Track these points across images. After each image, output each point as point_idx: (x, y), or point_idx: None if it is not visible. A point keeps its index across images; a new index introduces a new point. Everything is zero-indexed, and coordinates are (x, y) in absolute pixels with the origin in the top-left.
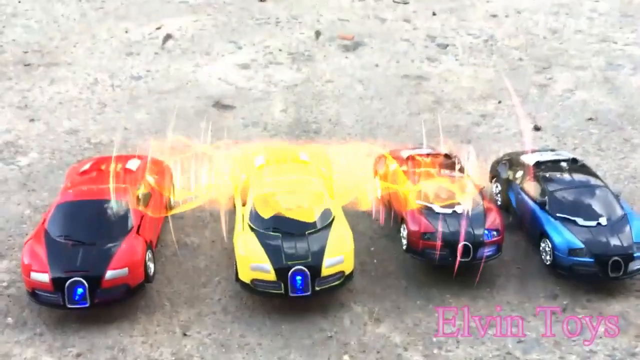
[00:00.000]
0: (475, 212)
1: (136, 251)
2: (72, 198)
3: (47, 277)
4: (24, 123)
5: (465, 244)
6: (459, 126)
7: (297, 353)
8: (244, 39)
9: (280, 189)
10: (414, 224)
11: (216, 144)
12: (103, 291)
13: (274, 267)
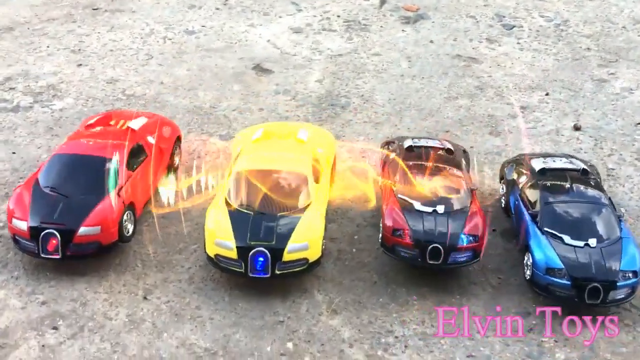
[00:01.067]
0: (456, 214)
1: (111, 211)
2: (65, 151)
3: (25, 225)
4: (72, 67)
5: (436, 246)
6: (493, 117)
7: (244, 333)
8: (307, 1)
9: (264, 166)
10: (388, 219)
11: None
12: (75, 245)
13: (237, 245)
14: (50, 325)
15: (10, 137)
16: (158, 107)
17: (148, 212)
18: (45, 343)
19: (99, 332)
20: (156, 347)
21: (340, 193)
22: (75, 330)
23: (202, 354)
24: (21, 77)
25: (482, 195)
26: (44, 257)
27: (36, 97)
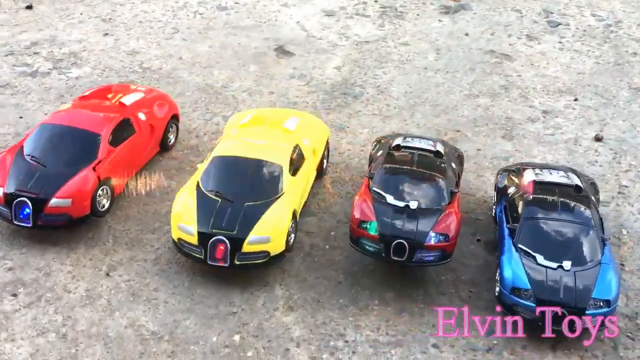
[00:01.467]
0: (429, 212)
1: (84, 185)
2: (51, 121)
3: (1, 192)
4: (97, 36)
5: (401, 242)
6: (511, 119)
7: (195, 320)
8: None
9: (240, 153)
10: (357, 210)
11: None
12: (46, 216)
13: (198, 231)
14: (10, 292)
15: (22, 101)
16: (170, 82)
17: (132, 188)
18: (1, 309)
19: (55, 304)
20: (105, 325)
21: (329, 186)
22: (33, 300)
23: (148, 337)
24: (47, 42)
25: (476, 202)
26: (16, 223)
27: (56, 63)
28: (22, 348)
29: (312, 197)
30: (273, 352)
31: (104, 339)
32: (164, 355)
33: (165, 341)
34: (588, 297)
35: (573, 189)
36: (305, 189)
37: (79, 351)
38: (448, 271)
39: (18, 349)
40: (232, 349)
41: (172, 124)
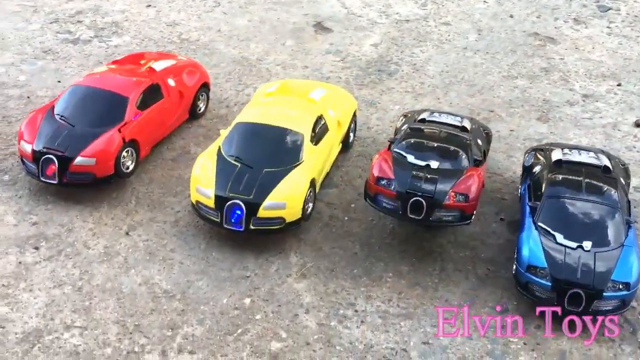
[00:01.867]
0: (450, 172)
1: (109, 145)
2: (82, 83)
3: (30, 148)
4: (140, 7)
5: (418, 200)
6: (549, 102)
7: (207, 281)
8: None
9: (262, 120)
10: (375, 167)
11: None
12: (71, 174)
13: (215, 194)
14: (33, 245)
15: (62, 66)
16: (207, 53)
17: (159, 152)
18: (22, 260)
19: (74, 258)
20: (120, 281)
21: (355, 159)
22: (53, 253)
23: (160, 295)
24: (91, 11)
25: (503, 182)
26: (43, 180)
27: (98, 32)
28: (38, 298)
29: (335, 169)
30: (281, 317)
31: (117, 294)
32: (174, 312)
33: (176, 300)
34: (607, 278)
35: (601, 169)
36: (327, 159)
37: (92, 304)
38: (467, 248)
39: (35, 298)
40: (241, 311)
41: (202, 92)
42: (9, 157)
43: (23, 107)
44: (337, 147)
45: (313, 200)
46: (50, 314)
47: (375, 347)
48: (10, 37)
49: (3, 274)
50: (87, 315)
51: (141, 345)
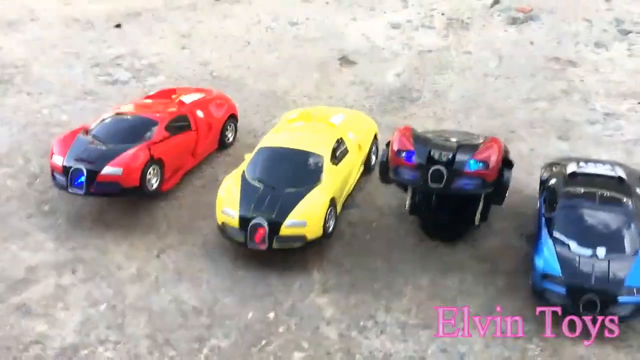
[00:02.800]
0: (470, 144)
1: (136, 158)
2: (117, 110)
3: (61, 161)
4: (175, 49)
5: (439, 169)
6: (569, 121)
7: (233, 298)
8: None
9: (284, 144)
10: (395, 140)
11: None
12: (98, 184)
13: (240, 214)
14: (70, 269)
15: (102, 105)
16: (237, 88)
17: (189, 180)
18: (61, 283)
19: (108, 279)
20: (151, 300)
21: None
22: (89, 276)
23: (188, 311)
24: (129, 55)
25: (523, 198)
26: (70, 192)
27: (135, 73)
28: (74, 316)
29: (357, 191)
30: (304, 329)
31: (148, 312)
32: (201, 327)
33: (204, 315)
34: (621, 284)
35: (615, 180)
36: (347, 180)
37: (125, 321)
38: (487, 262)
39: (71, 317)
40: (265, 324)
41: (230, 123)
42: (49, 189)
43: None
44: (359, 169)
45: (334, 218)
46: (86, 331)
47: (395, 356)
48: (54, 81)
49: (43, 295)
50: (120, 331)
51: (170, 357)
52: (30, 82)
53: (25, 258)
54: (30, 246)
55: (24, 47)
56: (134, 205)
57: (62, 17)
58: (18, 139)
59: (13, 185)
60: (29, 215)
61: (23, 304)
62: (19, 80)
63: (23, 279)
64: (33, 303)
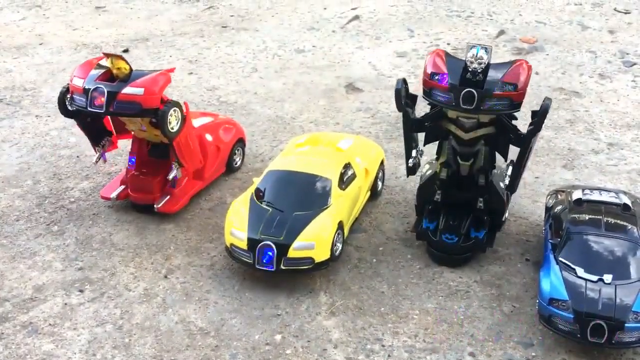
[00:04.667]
0: (500, 65)
1: (157, 81)
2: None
3: (81, 83)
4: (182, 75)
5: (470, 91)
6: (573, 150)
7: (240, 319)
8: (423, 29)
9: (292, 167)
10: (429, 64)
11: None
12: (119, 103)
13: (248, 236)
14: (78, 288)
15: None
16: (244, 114)
17: (197, 203)
18: (68, 302)
19: (116, 300)
20: (158, 320)
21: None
22: (97, 295)
23: (196, 332)
24: None
25: (528, 225)
26: (90, 110)
27: None
28: (81, 336)
29: (365, 216)
30: (311, 351)
31: (155, 332)
32: (208, 348)
33: (211, 336)
34: (628, 309)
35: (620, 207)
36: (355, 205)
37: (131, 341)
38: (493, 287)
39: (78, 336)
40: (272, 346)
41: (238, 147)
42: (58, 209)
43: (72, 166)
44: (366, 193)
45: (342, 241)
46: (93, 350)
47: None
48: None
49: (50, 314)
50: (127, 351)
51: None
52: (39, 104)
53: (33, 277)
54: (38, 265)
55: (33, 70)
56: (142, 227)
57: (71, 41)
58: (27, 160)
59: (22, 205)
60: (37, 235)
61: (30, 323)
62: (27, 102)
63: (30, 298)
64: (40, 322)
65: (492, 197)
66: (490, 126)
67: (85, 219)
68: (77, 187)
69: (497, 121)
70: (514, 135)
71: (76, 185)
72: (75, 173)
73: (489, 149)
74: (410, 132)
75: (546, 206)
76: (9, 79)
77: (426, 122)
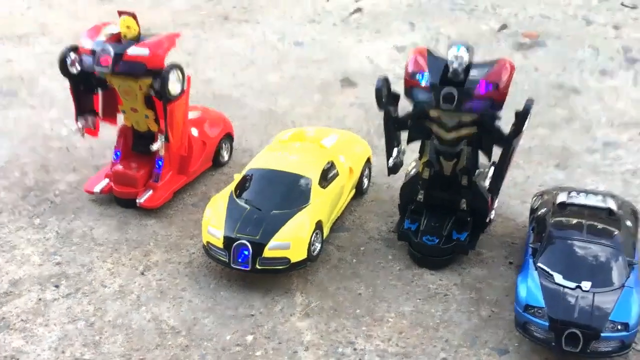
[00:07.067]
0: (482, 64)
1: (161, 44)
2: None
3: (90, 44)
4: None
5: (450, 92)
6: (568, 149)
7: (213, 319)
8: (425, 22)
9: (273, 165)
10: (410, 63)
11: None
12: (124, 63)
13: (224, 234)
14: (54, 284)
15: None
16: (237, 107)
17: (181, 198)
18: (42, 297)
19: (90, 296)
20: (130, 318)
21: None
22: (72, 291)
23: (167, 331)
24: None
25: (515, 227)
26: (97, 70)
27: None
28: (52, 332)
29: (348, 214)
30: (281, 354)
31: (126, 330)
32: (177, 348)
33: (182, 336)
34: (605, 318)
35: (605, 212)
36: (336, 204)
37: (102, 339)
38: (473, 290)
39: (49, 332)
40: (242, 347)
41: (226, 142)
42: (42, 203)
43: (62, 158)
44: (349, 192)
45: (320, 241)
46: (62, 347)
47: None
48: (58, 95)
49: (23, 310)
50: (96, 349)
51: None
52: (35, 95)
53: (10, 271)
54: (16, 259)
55: (33, 60)
56: (124, 222)
57: (73, 32)
58: (17, 152)
59: (6, 197)
60: (18, 228)
61: (2, 318)
62: (24, 93)
63: (5, 292)
64: (13, 317)
65: (476, 197)
66: (472, 126)
67: (68, 213)
68: (64, 179)
69: (480, 121)
70: (497, 135)
71: (63, 178)
72: (63, 165)
73: (472, 149)
74: (391, 131)
75: (531, 208)
76: (8, 68)
77: (408, 121)
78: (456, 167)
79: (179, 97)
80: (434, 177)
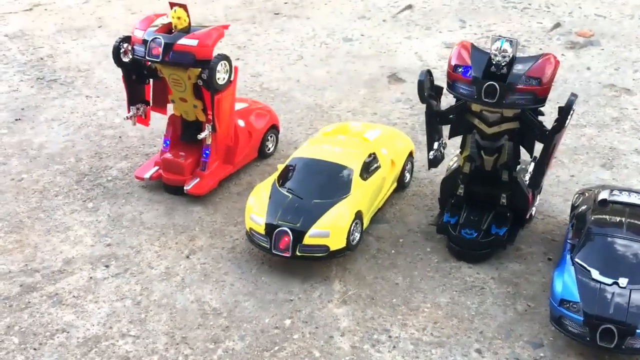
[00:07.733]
0: (527, 58)
1: (210, 35)
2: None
3: (141, 34)
4: None
5: (492, 84)
6: (615, 149)
7: (253, 302)
8: (476, 20)
9: (316, 155)
10: (453, 56)
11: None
12: (174, 53)
13: (266, 221)
14: (104, 264)
15: None
16: (284, 100)
17: (226, 187)
18: (93, 276)
19: (138, 276)
20: (174, 298)
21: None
22: (121, 271)
23: (209, 312)
24: None
25: (556, 224)
26: (149, 59)
27: None
28: (101, 309)
29: (389, 206)
30: (317, 338)
31: (170, 309)
32: (218, 328)
33: (223, 317)
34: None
35: None
36: (377, 195)
37: (147, 317)
38: (510, 285)
39: (99, 309)
40: (280, 330)
41: (271, 134)
42: (95, 187)
43: (114, 146)
44: (390, 185)
45: (360, 231)
46: (110, 323)
47: None
48: (112, 86)
49: (75, 287)
50: (142, 326)
51: (185, 355)
52: (91, 85)
53: (64, 250)
54: (70, 240)
55: (89, 52)
56: (171, 208)
57: (128, 25)
58: (72, 139)
59: (62, 182)
60: (72, 211)
61: (55, 294)
62: (80, 83)
63: (59, 270)
64: (65, 293)
65: (516, 193)
66: (514, 121)
67: (119, 198)
68: (116, 166)
69: (522, 116)
70: (538, 131)
71: (115, 164)
72: (116, 153)
73: (513, 144)
74: (433, 124)
75: (572, 205)
76: (66, 59)
77: (450, 115)
78: (497, 162)
79: (226, 87)
80: (475, 172)
